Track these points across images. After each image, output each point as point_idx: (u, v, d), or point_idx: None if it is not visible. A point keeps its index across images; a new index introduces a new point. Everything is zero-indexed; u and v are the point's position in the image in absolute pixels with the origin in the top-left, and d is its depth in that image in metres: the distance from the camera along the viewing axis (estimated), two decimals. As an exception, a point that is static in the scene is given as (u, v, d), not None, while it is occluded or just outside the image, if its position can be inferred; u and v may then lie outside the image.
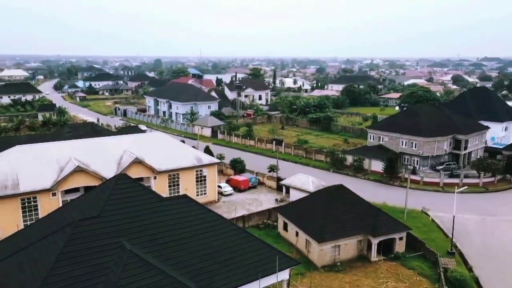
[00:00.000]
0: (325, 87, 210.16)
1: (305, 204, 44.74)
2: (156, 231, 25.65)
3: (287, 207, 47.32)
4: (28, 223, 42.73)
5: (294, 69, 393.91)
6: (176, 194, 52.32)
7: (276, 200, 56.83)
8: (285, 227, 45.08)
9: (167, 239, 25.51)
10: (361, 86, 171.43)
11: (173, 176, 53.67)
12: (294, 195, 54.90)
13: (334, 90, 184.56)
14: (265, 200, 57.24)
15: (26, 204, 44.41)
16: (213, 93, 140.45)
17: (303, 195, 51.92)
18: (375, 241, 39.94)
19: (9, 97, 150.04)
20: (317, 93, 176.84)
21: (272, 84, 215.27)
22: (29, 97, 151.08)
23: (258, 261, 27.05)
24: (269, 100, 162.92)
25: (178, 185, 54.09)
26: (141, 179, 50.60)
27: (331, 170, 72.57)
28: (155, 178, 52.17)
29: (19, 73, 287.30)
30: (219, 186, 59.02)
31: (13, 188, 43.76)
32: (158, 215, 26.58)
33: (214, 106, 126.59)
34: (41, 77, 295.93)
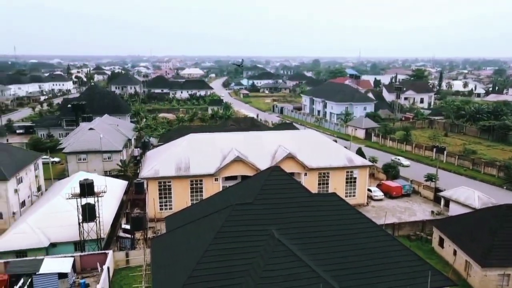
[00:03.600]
0: (504, 91, 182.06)
1: (468, 221, 39.73)
2: (304, 225, 26.29)
3: (446, 221, 42.82)
4: (194, 201, 48.76)
5: (466, 71, 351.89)
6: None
7: (432, 212, 52.01)
8: (441, 243, 40.90)
9: (314, 234, 25.90)
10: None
11: (323, 174, 54.04)
12: (454, 210, 49.34)
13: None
14: (419, 210, 52.96)
15: (194, 185, 50.73)
16: (370, 94, 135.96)
17: (465, 210, 46.31)
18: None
19: (187, 92, 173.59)
20: (492, 98, 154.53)
21: (437, 87, 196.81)
22: (202, 93, 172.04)
23: (408, 273, 25.23)
24: (432, 103, 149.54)
25: (327, 183, 54.25)
26: (292, 174, 52.43)
27: (505, 187, 62.61)
28: (305, 174, 53.39)
29: (196, 72, 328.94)
30: (369, 190, 57.00)
31: (185, 171, 50.48)
32: (307, 209, 27.17)
33: (370, 108, 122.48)
34: (213, 75, 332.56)
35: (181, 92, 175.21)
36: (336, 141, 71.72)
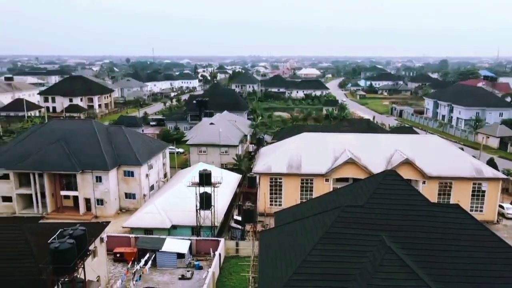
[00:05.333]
0: None
1: None
2: (418, 235, 24.43)
3: None
4: (304, 200, 48.99)
5: None
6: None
7: None
8: None
9: (430, 246, 23.88)
10: None
11: (445, 184, 49.50)
12: None
13: None
14: None
15: (304, 184, 50.97)
16: (508, 99, 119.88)
17: None
18: None
19: (303, 91, 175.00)
20: None
21: None
22: (317, 93, 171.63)
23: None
24: None
25: (449, 194, 49.58)
26: (408, 181, 49.14)
27: None
28: (424, 182, 49.60)
29: (313, 72, 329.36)
30: (501, 206, 50.42)
31: (297, 169, 51.01)
32: (423, 219, 25.19)
33: (508, 114, 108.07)
34: (329, 75, 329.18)
35: (297, 92, 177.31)
36: (462, 149, 64.96)
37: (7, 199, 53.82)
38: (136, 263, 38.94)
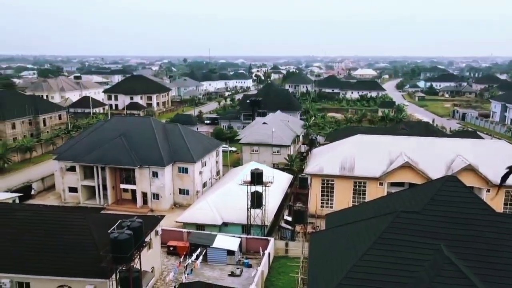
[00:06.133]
0: None
1: None
2: (480, 246, 22.93)
3: None
4: (356, 203, 47.85)
5: None
6: None
7: None
8: None
9: (493, 259, 22.35)
10: None
11: (512, 193, 46.10)
12: None
13: None
14: None
15: (357, 187, 49.76)
16: None
17: None
18: None
19: (358, 92, 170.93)
20: None
21: None
22: (373, 94, 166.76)
23: None
24: None
25: (516, 205, 46.11)
26: (471, 188, 46.32)
27: None
28: (488, 190, 46.55)
29: (369, 72, 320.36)
30: None
31: (350, 171, 49.93)
32: (487, 229, 23.61)
33: None
34: (386, 76, 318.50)
35: (352, 93, 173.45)
36: (533, 156, 59.98)
37: (73, 189, 57.72)
38: (188, 257, 40.15)
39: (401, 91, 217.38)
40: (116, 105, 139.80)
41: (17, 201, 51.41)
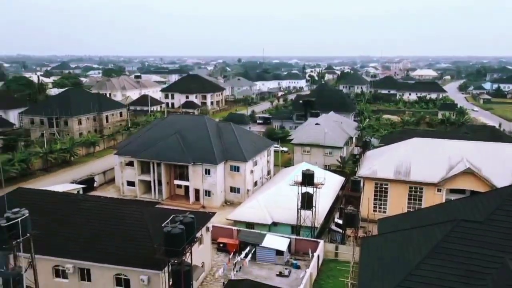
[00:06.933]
0: None
1: None
2: (551, 263, 21.06)
3: None
4: (411, 209, 45.90)
5: None
6: None
7: None
8: None
9: None
10: None
11: None
12: None
13: None
14: None
15: (413, 192, 47.69)
16: None
17: None
18: None
19: (416, 94, 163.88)
20: None
21: None
22: (433, 96, 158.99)
23: None
24: None
25: None
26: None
27: None
28: (561, 202, 42.59)
29: (429, 73, 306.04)
30: None
31: (405, 175, 47.97)
32: (559, 244, 21.65)
33: None
34: (448, 77, 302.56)
35: (409, 94, 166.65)
36: None
37: (131, 183, 60.59)
38: (237, 254, 40.67)
39: (464, 93, 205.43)
40: (172, 104, 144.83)
41: (81, 192, 54.94)
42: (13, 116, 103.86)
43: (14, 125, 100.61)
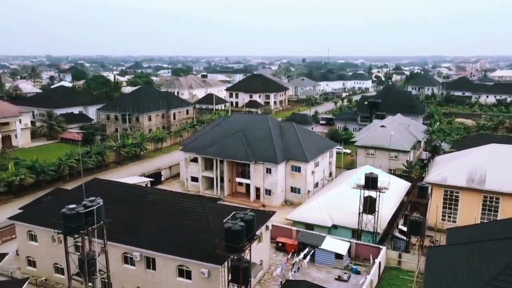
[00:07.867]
0: None
1: None
2: None
3: None
4: (485, 220, 42.71)
5: None
6: None
7: None
8: None
9: None
10: None
11: None
12: None
13: None
14: None
15: (488, 202, 44.35)
16: None
17: None
18: None
19: (495, 96, 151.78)
20: None
21: None
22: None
23: None
24: None
25: None
26: None
27: None
28: None
29: (510, 74, 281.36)
30: None
31: (479, 184, 44.76)
32: None
33: None
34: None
35: (487, 97, 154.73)
36: None
37: (195, 179, 62.79)
38: (295, 255, 40.51)
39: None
40: (236, 103, 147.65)
41: (149, 185, 57.99)
42: (92, 112, 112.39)
43: (93, 120, 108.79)
